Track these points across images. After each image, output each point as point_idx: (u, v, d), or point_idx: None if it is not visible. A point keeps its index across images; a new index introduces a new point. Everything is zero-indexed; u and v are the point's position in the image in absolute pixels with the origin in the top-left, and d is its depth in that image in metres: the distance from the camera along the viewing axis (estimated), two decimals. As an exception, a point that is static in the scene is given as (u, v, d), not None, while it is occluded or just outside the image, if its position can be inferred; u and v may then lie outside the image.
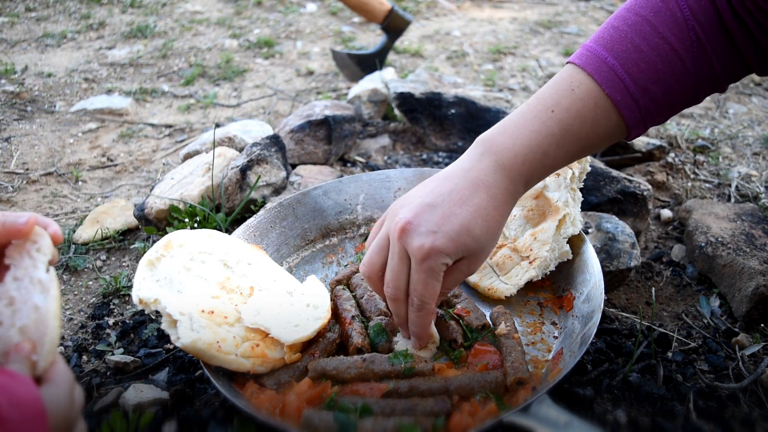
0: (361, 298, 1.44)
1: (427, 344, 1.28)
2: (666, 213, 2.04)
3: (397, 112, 2.62)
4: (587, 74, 1.11)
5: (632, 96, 1.09)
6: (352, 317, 1.36)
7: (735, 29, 1.06)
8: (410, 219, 1.12)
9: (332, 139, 2.32)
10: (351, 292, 1.48)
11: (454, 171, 1.16)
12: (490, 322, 1.36)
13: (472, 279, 1.52)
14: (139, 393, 1.27)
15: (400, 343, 1.30)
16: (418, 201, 1.14)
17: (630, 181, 1.87)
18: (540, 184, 1.54)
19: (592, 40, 1.14)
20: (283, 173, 2.06)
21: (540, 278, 1.47)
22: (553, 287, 1.50)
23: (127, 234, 2.04)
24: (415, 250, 1.10)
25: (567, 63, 1.16)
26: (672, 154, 2.36)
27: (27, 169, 2.51)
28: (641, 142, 2.26)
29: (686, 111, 2.88)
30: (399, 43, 3.81)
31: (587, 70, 1.11)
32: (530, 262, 1.47)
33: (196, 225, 1.89)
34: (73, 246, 1.96)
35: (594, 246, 1.51)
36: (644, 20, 1.09)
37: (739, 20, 1.05)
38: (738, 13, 1.05)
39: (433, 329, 1.30)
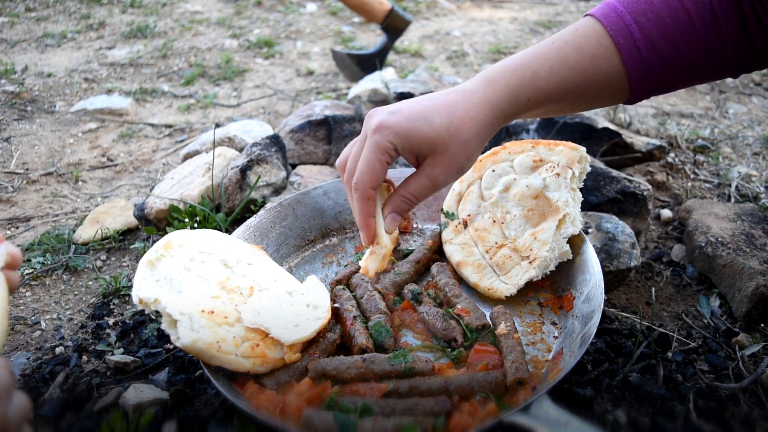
0: (361, 298, 1.44)
1: (373, 243, 1.22)
2: (666, 213, 2.04)
3: (397, 112, 2.61)
4: (595, 19, 1.12)
5: (636, 44, 1.08)
6: (354, 317, 1.36)
7: (748, 10, 1.05)
8: (381, 107, 1.14)
9: (332, 139, 2.32)
10: (351, 292, 1.48)
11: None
12: (490, 322, 1.36)
13: (472, 279, 1.52)
14: (139, 393, 1.27)
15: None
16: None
17: (630, 181, 1.87)
18: (540, 184, 1.54)
19: None
20: (283, 173, 2.06)
21: (540, 278, 1.47)
22: (553, 287, 1.50)
23: (127, 234, 2.04)
24: (371, 126, 1.10)
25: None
26: (672, 154, 2.36)
27: (27, 169, 2.52)
28: (641, 142, 2.26)
29: (686, 111, 2.88)
30: (399, 43, 3.81)
31: (596, 16, 1.12)
32: (530, 262, 1.47)
33: (196, 225, 1.89)
34: (73, 246, 1.96)
35: (594, 246, 1.51)
36: None
37: (753, 10, 1.05)
38: (753, 3, 1.05)
39: (383, 232, 1.22)
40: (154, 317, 1.58)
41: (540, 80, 1.11)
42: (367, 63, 3.22)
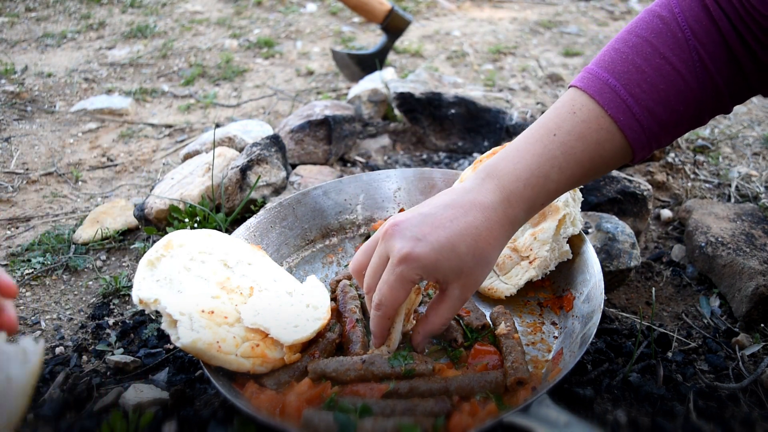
0: (362, 298, 1.44)
1: (382, 345, 1.24)
2: (666, 213, 2.04)
3: (397, 112, 2.62)
4: (589, 96, 1.10)
5: (635, 117, 1.07)
6: (356, 320, 1.36)
7: (737, 48, 1.05)
8: (399, 222, 1.10)
9: (332, 139, 2.32)
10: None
11: (456, 189, 1.15)
12: (490, 322, 1.36)
13: (472, 279, 1.52)
14: (139, 393, 1.27)
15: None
16: (415, 209, 1.14)
17: (630, 181, 1.87)
18: (540, 184, 1.54)
19: (593, 63, 1.13)
20: (283, 173, 2.06)
21: (540, 278, 1.47)
22: (553, 287, 1.50)
23: (127, 234, 2.04)
24: (395, 252, 1.08)
25: (569, 87, 1.15)
26: (672, 154, 2.36)
27: (27, 169, 2.52)
28: (641, 142, 2.26)
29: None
30: (399, 43, 3.81)
31: (589, 92, 1.10)
32: (530, 262, 1.47)
33: (196, 225, 1.89)
34: (73, 246, 1.96)
35: (594, 246, 1.51)
36: (645, 41, 1.08)
37: (740, 38, 1.04)
38: (739, 31, 1.04)
39: (396, 335, 1.24)
40: (154, 317, 1.58)
41: (551, 183, 1.11)
42: (367, 63, 3.22)
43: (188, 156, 2.29)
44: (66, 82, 3.40)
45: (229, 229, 1.87)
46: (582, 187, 1.55)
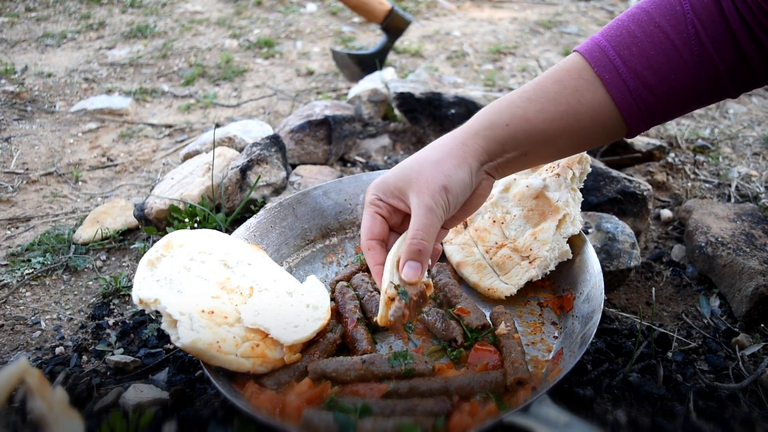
0: (362, 298, 1.44)
1: (383, 289, 1.13)
2: (666, 213, 2.04)
3: (397, 112, 2.61)
4: (580, 54, 1.12)
5: (621, 77, 1.08)
6: (357, 320, 1.36)
7: (744, 40, 1.05)
8: None
9: (332, 139, 2.32)
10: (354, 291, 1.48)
11: None
12: (490, 322, 1.36)
13: (472, 279, 1.52)
14: (139, 393, 1.27)
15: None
16: None
17: (630, 181, 1.87)
18: (540, 184, 1.54)
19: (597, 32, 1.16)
20: (283, 173, 2.06)
21: (540, 278, 1.47)
22: (553, 287, 1.50)
23: (127, 234, 2.04)
24: None
25: None
26: (672, 154, 2.36)
27: (27, 169, 2.52)
28: (641, 142, 2.26)
29: (686, 111, 2.88)
30: (399, 43, 3.81)
31: (580, 51, 1.13)
32: (530, 262, 1.47)
33: (196, 225, 1.89)
34: (73, 246, 1.96)
35: (594, 246, 1.51)
36: (643, 11, 1.10)
37: (744, 23, 1.04)
38: (743, 16, 1.04)
39: (386, 277, 1.13)
40: (154, 317, 1.58)
41: (517, 108, 1.12)
42: (367, 63, 3.22)
43: (188, 156, 2.29)
44: (66, 82, 3.40)
45: (229, 229, 1.87)
46: (582, 186, 1.55)
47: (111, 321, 1.63)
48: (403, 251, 1.12)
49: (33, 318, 1.66)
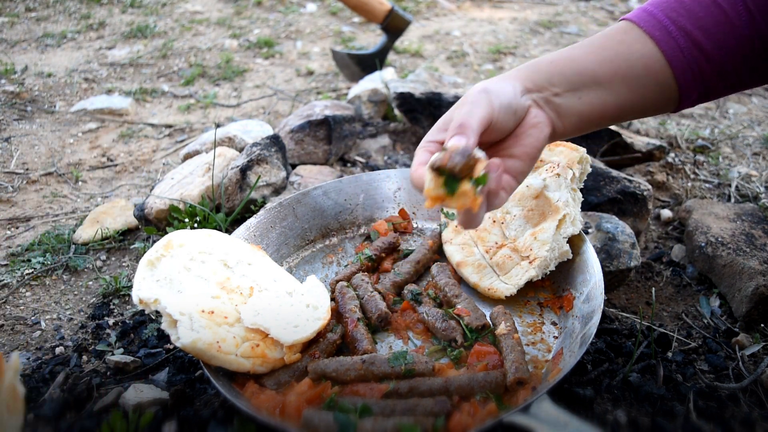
0: (362, 298, 1.44)
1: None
2: (666, 213, 2.04)
3: (397, 112, 2.61)
4: (627, 20, 1.12)
5: (671, 34, 1.07)
6: (357, 320, 1.36)
7: None
8: None
9: (332, 139, 2.32)
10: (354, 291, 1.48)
11: None
12: (490, 322, 1.36)
13: (472, 279, 1.52)
14: (139, 393, 1.27)
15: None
16: None
17: (630, 181, 1.87)
18: (540, 184, 1.54)
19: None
20: (283, 173, 2.06)
21: (540, 278, 1.47)
22: (553, 287, 1.50)
23: (127, 234, 2.04)
24: None
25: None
26: (672, 154, 2.36)
27: (27, 169, 2.51)
28: (641, 142, 2.26)
29: (686, 111, 2.88)
30: (399, 43, 3.81)
31: (628, 17, 1.12)
32: (530, 262, 1.47)
33: (196, 225, 1.89)
34: (73, 246, 1.96)
35: (594, 246, 1.51)
36: None
37: None
38: None
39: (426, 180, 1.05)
40: (154, 317, 1.58)
41: (562, 51, 1.13)
42: (367, 63, 3.22)
43: (188, 156, 2.29)
44: (66, 82, 3.40)
45: (229, 229, 1.87)
46: (582, 186, 1.55)
47: (111, 321, 1.63)
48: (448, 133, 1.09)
49: (33, 318, 1.66)
